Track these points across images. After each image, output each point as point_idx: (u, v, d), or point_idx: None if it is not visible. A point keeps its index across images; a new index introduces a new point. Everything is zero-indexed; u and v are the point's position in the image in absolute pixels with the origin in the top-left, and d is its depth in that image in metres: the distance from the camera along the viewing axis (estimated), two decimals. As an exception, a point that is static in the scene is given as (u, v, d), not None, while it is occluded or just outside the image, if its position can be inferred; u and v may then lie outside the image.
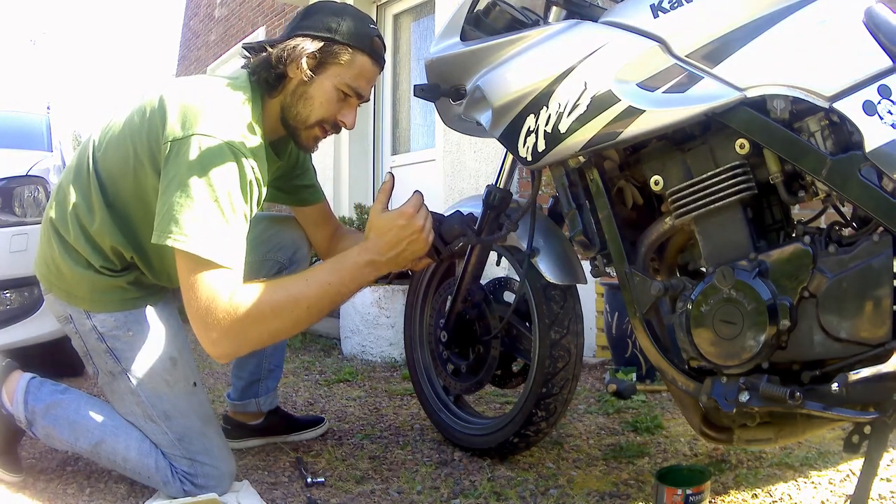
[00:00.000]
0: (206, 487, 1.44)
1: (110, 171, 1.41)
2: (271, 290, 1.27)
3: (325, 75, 1.42)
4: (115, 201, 1.41)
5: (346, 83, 1.43)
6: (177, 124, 1.29)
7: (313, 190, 1.75)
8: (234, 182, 1.27)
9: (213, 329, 1.23)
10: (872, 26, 1.03)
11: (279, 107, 1.45)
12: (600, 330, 2.95)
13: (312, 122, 1.45)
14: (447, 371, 1.78)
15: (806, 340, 1.09)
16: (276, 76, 1.41)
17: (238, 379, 1.87)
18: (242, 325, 1.23)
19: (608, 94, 1.19)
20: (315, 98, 1.43)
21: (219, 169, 1.25)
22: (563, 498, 1.46)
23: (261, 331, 1.26)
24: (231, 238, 1.26)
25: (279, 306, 1.26)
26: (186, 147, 1.26)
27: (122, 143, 1.38)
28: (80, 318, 1.45)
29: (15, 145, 3.06)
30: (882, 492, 1.42)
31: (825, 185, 1.05)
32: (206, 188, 1.24)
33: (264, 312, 1.25)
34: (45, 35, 23.01)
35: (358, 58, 1.43)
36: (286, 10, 6.16)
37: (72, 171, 1.46)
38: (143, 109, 1.37)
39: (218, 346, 1.25)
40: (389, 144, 5.14)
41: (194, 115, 1.29)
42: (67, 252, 1.42)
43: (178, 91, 1.36)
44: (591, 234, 1.34)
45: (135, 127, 1.37)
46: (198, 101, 1.32)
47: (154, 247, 1.43)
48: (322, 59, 1.40)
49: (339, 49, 1.41)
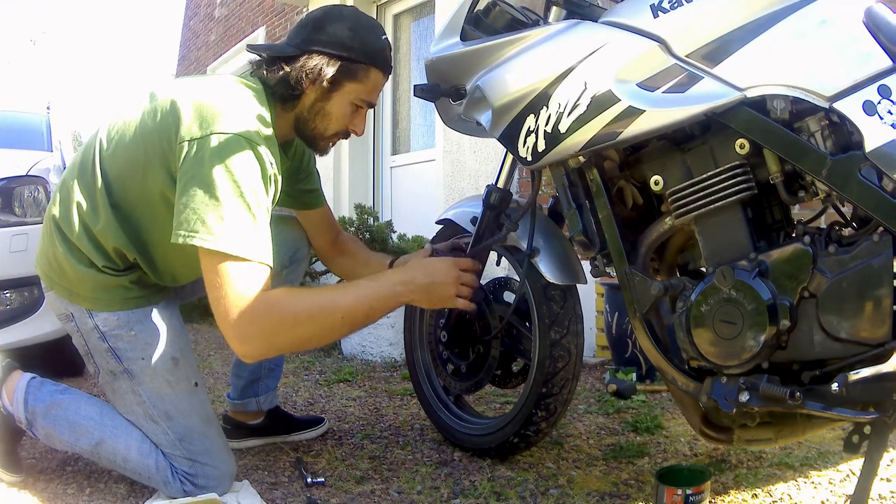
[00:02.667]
0: (207, 488, 1.44)
1: (118, 171, 1.40)
2: (308, 296, 1.30)
3: (342, 92, 1.45)
4: (121, 202, 1.40)
5: (360, 98, 1.47)
6: (194, 124, 1.29)
7: (316, 194, 1.76)
8: (257, 177, 1.27)
9: (245, 328, 1.22)
10: (872, 26, 1.03)
11: (293, 118, 1.48)
12: (600, 330, 2.95)
13: (329, 135, 1.50)
14: (447, 371, 1.78)
15: (806, 340, 1.09)
16: (293, 94, 1.44)
17: (238, 378, 1.87)
18: (276, 328, 1.24)
19: (608, 94, 1.19)
20: (332, 114, 1.47)
21: (241, 165, 1.25)
22: (563, 498, 1.46)
23: (293, 335, 1.27)
24: (260, 233, 1.26)
25: (315, 312, 1.28)
26: (206, 145, 1.25)
27: (131, 144, 1.38)
28: (81, 317, 1.45)
29: (15, 145, 3.06)
30: (882, 492, 1.42)
31: (825, 185, 1.05)
32: (230, 185, 1.23)
33: (299, 317, 1.25)
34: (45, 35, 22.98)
35: (372, 73, 1.46)
36: (286, 10, 6.16)
37: (76, 168, 1.45)
38: (154, 111, 1.37)
39: (248, 345, 1.25)
40: (389, 144, 5.14)
41: (212, 114, 1.29)
42: (70, 250, 1.42)
43: (191, 92, 1.35)
44: (591, 234, 1.34)
45: (146, 128, 1.36)
46: (214, 100, 1.32)
47: (158, 248, 1.43)
48: (338, 77, 1.43)
49: (355, 67, 1.44)
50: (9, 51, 19.77)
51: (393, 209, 5.06)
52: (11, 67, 19.27)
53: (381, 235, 3.57)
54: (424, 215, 3.90)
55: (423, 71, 1.61)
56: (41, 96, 7.37)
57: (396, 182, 5.09)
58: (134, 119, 1.40)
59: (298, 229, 1.79)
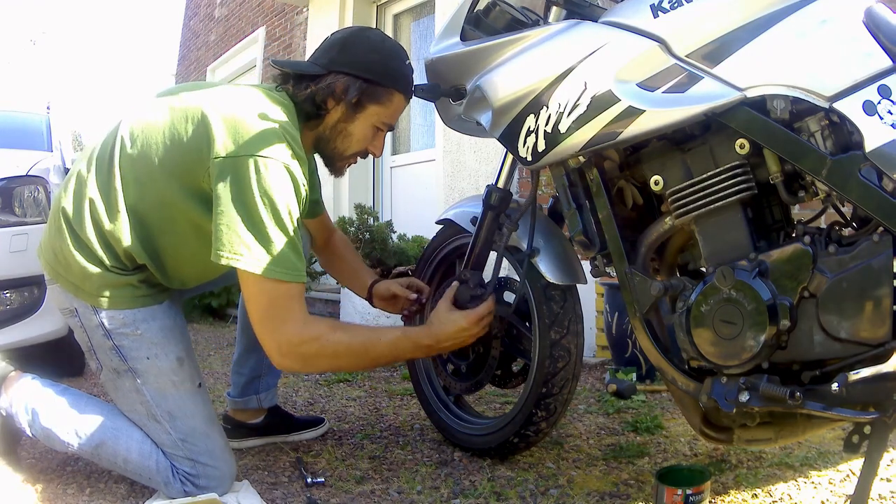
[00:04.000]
0: (208, 488, 1.44)
1: (137, 174, 1.39)
2: (351, 334, 1.44)
3: (365, 114, 1.48)
4: (138, 205, 1.39)
5: (382, 121, 1.50)
6: (228, 141, 1.30)
7: (318, 204, 1.81)
8: (293, 199, 1.33)
9: (287, 348, 1.34)
10: (872, 26, 1.03)
11: (315, 136, 1.51)
12: (600, 330, 2.95)
13: (348, 156, 1.54)
14: (447, 371, 1.78)
15: (806, 340, 1.09)
16: (317, 112, 1.47)
17: (239, 375, 1.87)
18: (317, 355, 1.37)
19: (608, 94, 1.19)
20: (354, 135, 1.50)
21: (279, 188, 1.30)
22: (563, 498, 1.46)
23: (329, 364, 1.46)
24: (297, 255, 1.33)
25: (354, 350, 1.41)
26: (244, 167, 1.28)
27: (159, 151, 1.37)
28: (86, 313, 1.44)
29: (15, 145, 3.06)
30: (882, 492, 1.42)
31: (825, 185, 1.05)
32: (270, 209, 1.29)
33: (339, 352, 1.39)
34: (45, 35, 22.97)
35: (395, 97, 1.49)
36: (286, 10, 6.16)
37: (93, 162, 1.42)
38: (185, 119, 1.36)
39: (287, 360, 1.37)
40: (389, 144, 5.14)
41: (247, 131, 1.31)
42: (79, 246, 1.40)
43: (224, 105, 1.36)
44: (591, 234, 1.34)
45: (176, 137, 1.36)
46: (247, 117, 1.33)
47: (170, 254, 1.44)
48: (362, 99, 1.46)
49: (379, 91, 1.47)
50: (9, 51, 19.77)
51: (393, 209, 5.06)
52: (11, 67, 19.28)
53: (381, 235, 3.56)
54: (424, 215, 3.90)
55: (423, 71, 1.61)
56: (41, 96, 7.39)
57: (396, 182, 5.09)
58: (162, 124, 1.39)
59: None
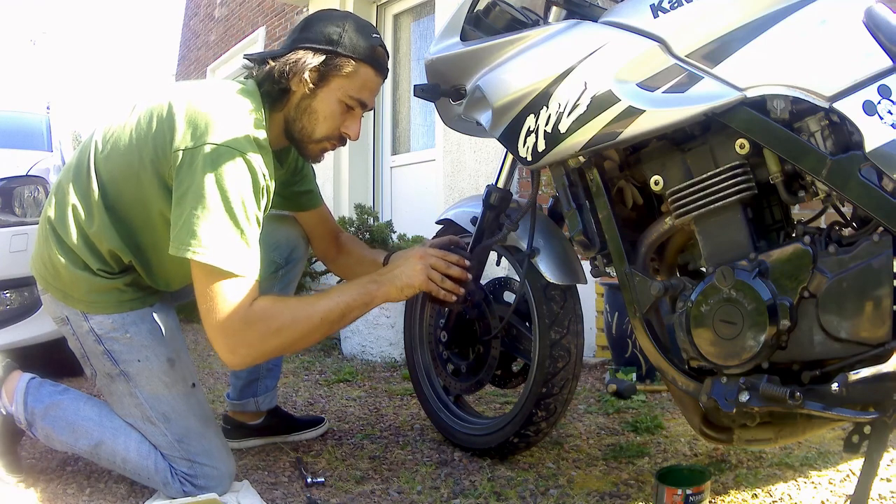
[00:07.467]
0: (206, 488, 1.44)
1: (112, 174, 1.40)
2: (290, 303, 1.35)
3: (329, 88, 1.42)
4: (116, 204, 1.40)
5: (349, 95, 1.44)
6: (188, 133, 1.29)
7: (312, 195, 1.75)
8: (248, 189, 1.29)
9: (232, 338, 1.28)
10: (872, 26, 1.03)
11: (283, 120, 1.46)
12: (600, 330, 2.95)
13: (318, 138, 1.47)
14: (447, 371, 1.78)
15: (806, 340, 1.09)
16: (280, 90, 1.42)
17: (237, 378, 1.87)
18: (262, 336, 1.29)
19: (608, 94, 1.19)
20: (319, 112, 1.44)
21: (233, 177, 1.27)
22: (563, 498, 1.46)
23: (277, 341, 1.32)
24: (246, 247, 1.28)
25: (296, 317, 1.32)
26: (199, 156, 1.27)
27: (127, 148, 1.38)
28: (76, 320, 1.45)
29: (15, 145, 3.06)
30: (882, 492, 1.42)
31: (825, 185, 1.05)
32: (221, 198, 1.25)
33: (283, 323, 1.30)
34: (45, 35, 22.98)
35: (361, 69, 1.43)
36: (286, 10, 6.16)
37: (71, 170, 1.45)
38: (150, 115, 1.37)
39: (236, 356, 1.30)
40: (389, 144, 5.14)
41: (206, 123, 1.29)
42: (65, 253, 1.42)
43: (187, 98, 1.35)
44: (591, 234, 1.34)
45: (142, 132, 1.36)
46: (208, 109, 1.32)
47: (153, 251, 1.43)
48: (325, 72, 1.41)
49: (341, 61, 1.41)
50: (9, 51, 19.78)
51: (393, 209, 5.06)
52: (11, 67, 19.29)
53: (381, 235, 3.57)
54: (424, 215, 3.91)
55: (423, 71, 1.60)
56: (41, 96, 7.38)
57: (396, 182, 5.09)
58: (130, 123, 1.40)
59: (296, 228, 1.78)
